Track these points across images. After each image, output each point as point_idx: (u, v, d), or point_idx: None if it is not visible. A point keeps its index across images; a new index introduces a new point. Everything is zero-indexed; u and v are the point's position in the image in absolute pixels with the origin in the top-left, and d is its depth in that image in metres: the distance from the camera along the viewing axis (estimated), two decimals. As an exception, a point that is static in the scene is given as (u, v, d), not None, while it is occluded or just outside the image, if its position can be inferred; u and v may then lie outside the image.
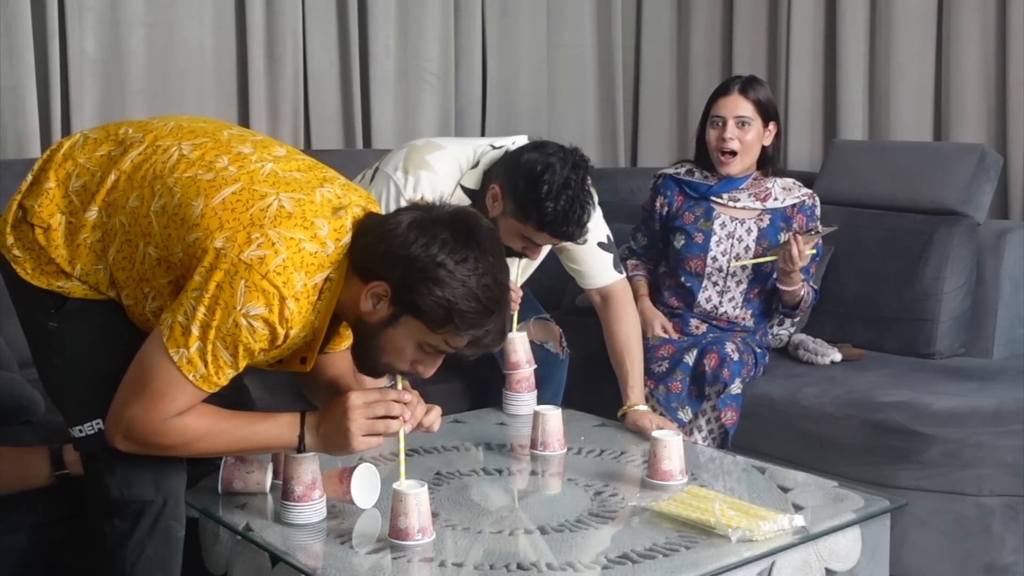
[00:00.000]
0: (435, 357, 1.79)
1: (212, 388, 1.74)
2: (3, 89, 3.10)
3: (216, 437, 1.78)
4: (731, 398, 2.76)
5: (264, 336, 1.70)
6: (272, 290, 1.67)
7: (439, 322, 1.71)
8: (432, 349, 1.76)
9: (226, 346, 1.69)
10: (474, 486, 2.05)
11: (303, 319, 1.73)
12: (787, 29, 4.04)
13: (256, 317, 1.67)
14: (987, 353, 3.18)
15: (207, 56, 3.50)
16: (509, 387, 2.53)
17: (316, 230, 1.74)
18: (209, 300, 1.67)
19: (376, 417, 1.78)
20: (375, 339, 1.77)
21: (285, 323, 1.70)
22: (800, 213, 2.98)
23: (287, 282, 1.68)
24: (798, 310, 2.97)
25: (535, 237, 2.39)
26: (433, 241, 1.70)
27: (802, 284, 2.90)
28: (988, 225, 3.27)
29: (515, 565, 1.69)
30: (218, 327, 1.68)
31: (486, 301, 1.71)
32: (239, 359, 1.72)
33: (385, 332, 1.75)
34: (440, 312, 1.70)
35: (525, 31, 4.23)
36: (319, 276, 1.73)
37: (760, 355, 2.94)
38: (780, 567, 1.79)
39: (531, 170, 2.33)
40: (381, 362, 1.81)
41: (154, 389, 1.71)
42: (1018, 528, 2.54)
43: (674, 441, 2.07)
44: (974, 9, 3.59)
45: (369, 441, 1.78)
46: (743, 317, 2.98)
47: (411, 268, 1.70)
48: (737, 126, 2.93)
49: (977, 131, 3.61)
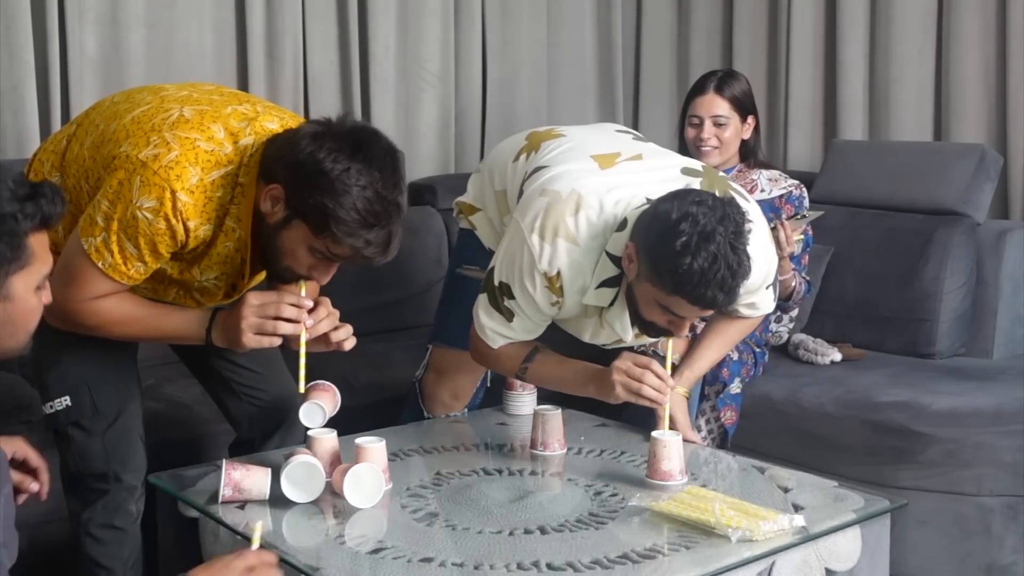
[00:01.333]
0: (326, 264, 1.87)
1: (124, 279, 1.89)
2: (3, 89, 3.10)
3: (132, 323, 1.95)
4: (730, 398, 2.76)
5: (162, 230, 1.84)
6: (163, 184, 1.82)
7: (320, 227, 1.79)
8: (320, 255, 1.84)
9: (129, 238, 1.85)
10: (474, 486, 2.05)
11: (200, 213, 1.85)
12: (787, 29, 4.04)
13: (150, 210, 1.82)
14: (987, 353, 3.18)
15: (207, 56, 3.50)
16: (509, 387, 2.53)
17: (212, 132, 1.88)
18: (112, 195, 1.85)
19: (268, 317, 1.87)
20: (273, 240, 1.87)
21: (178, 215, 1.83)
22: (788, 204, 2.98)
23: (179, 176, 1.83)
24: (791, 301, 2.96)
25: (672, 305, 1.97)
26: (321, 149, 1.78)
27: (793, 274, 2.89)
28: (988, 225, 3.27)
29: (515, 565, 1.69)
30: (119, 220, 1.84)
31: (364, 213, 1.77)
32: (143, 252, 1.86)
33: (280, 234, 1.85)
34: (319, 217, 1.78)
35: (525, 31, 4.23)
36: (216, 173, 1.86)
37: (760, 355, 2.94)
38: (780, 567, 1.79)
39: (666, 220, 1.92)
40: (281, 265, 1.90)
41: (72, 273, 1.89)
42: (1018, 528, 2.53)
43: (673, 441, 2.06)
44: (974, 9, 3.59)
45: (260, 339, 1.88)
46: None
47: (299, 172, 1.79)
48: (714, 125, 2.94)
49: (977, 131, 3.61)
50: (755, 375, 2.90)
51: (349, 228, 1.78)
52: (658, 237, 1.93)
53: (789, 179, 3.04)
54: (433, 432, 2.47)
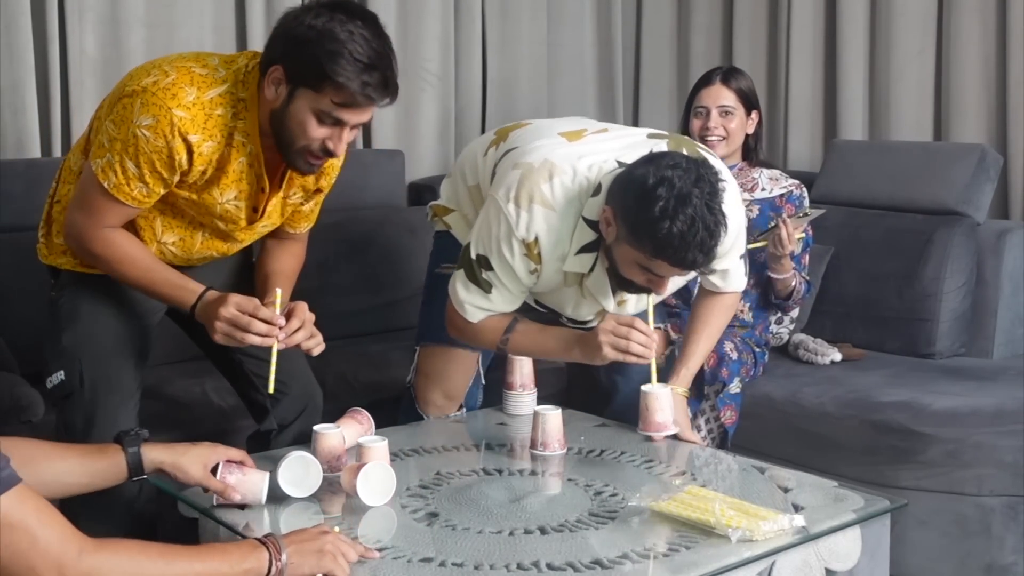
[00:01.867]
0: (338, 129, 1.95)
1: (129, 199, 2.00)
2: (3, 89, 3.10)
3: (133, 265, 2.06)
4: (730, 397, 2.76)
5: (160, 147, 1.94)
6: (160, 103, 1.93)
7: (319, 81, 1.88)
8: (328, 118, 1.93)
9: (129, 156, 1.96)
10: (474, 486, 2.05)
11: (202, 129, 1.96)
12: (787, 29, 4.04)
13: (148, 127, 1.93)
14: (987, 353, 3.18)
15: (207, 56, 3.50)
16: (509, 387, 2.52)
17: (206, 60, 2.02)
18: (117, 119, 1.98)
19: (239, 328, 1.98)
20: (284, 123, 1.96)
21: (175, 131, 1.93)
22: (789, 203, 2.99)
23: (175, 95, 1.94)
24: (791, 300, 2.96)
25: (653, 266, 2.02)
26: (306, 15, 1.91)
27: (793, 273, 2.90)
28: (988, 225, 3.27)
29: (515, 565, 1.69)
30: (122, 140, 1.96)
31: (355, 55, 1.87)
32: (143, 171, 1.97)
33: (288, 112, 1.94)
34: (317, 71, 1.88)
35: (525, 31, 4.23)
36: (214, 91, 1.97)
37: (759, 355, 2.94)
38: (780, 567, 1.79)
39: (643, 185, 1.96)
40: (296, 147, 1.97)
41: (84, 195, 2.05)
42: (1018, 528, 2.53)
43: (664, 393, 2.11)
44: (974, 9, 3.59)
45: (228, 341, 2.01)
46: (741, 309, 2.98)
47: (289, 41, 1.92)
48: (720, 115, 2.95)
49: (977, 131, 3.61)
50: (755, 375, 2.90)
51: (345, 72, 1.87)
52: (636, 202, 1.97)
53: (790, 179, 3.05)
54: (433, 432, 2.47)
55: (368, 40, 1.89)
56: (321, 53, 1.87)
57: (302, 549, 1.59)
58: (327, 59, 1.87)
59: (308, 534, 1.63)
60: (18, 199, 2.86)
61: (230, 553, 1.55)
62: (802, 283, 2.96)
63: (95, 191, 2.02)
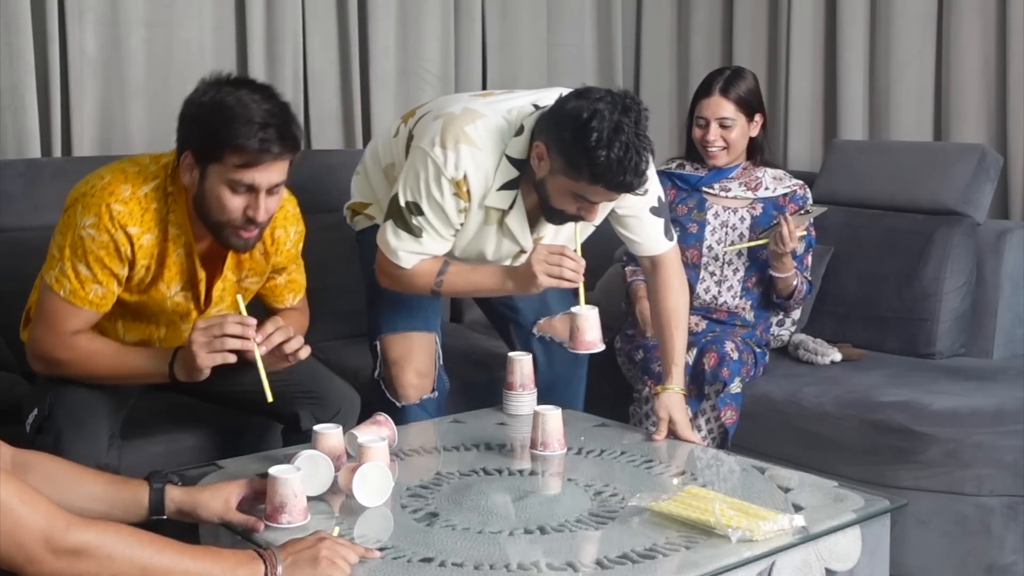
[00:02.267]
0: (253, 196, 2.01)
1: (86, 304, 2.07)
2: (3, 89, 3.10)
3: (101, 358, 2.10)
4: (731, 397, 2.76)
5: (105, 241, 2.03)
6: (98, 201, 2.03)
7: (219, 148, 1.96)
8: (240, 186, 1.99)
9: (79, 259, 2.05)
10: (474, 486, 2.05)
11: (140, 221, 2.05)
12: (787, 29, 4.04)
13: (91, 226, 2.03)
14: (987, 353, 3.18)
15: (207, 56, 3.50)
16: (509, 387, 2.53)
17: (138, 159, 2.14)
18: (61, 228, 2.08)
19: (215, 335, 1.99)
20: (204, 205, 2.04)
21: (116, 223, 2.03)
22: (792, 202, 2.99)
23: (112, 192, 2.04)
24: (792, 300, 2.97)
25: (589, 193, 2.18)
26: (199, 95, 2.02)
27: (795, 273, 2.90)
28: (988, 225, 3.27)
29: (515, 565, 1.69)
30: (70, 246, 2.05)
31: (248, 115, 1.94)
32: (95, 271, 2.05)
33: (204, 191, 2.02)
34: (213, 139, 1.96)
35: (525, 31, 4.23)
36: (147, 186, 2.07)
37: (760, 355, 2.94)
38: (780, 567, 1.79)
39: (577, 118, 2.11)
40: (222, 224, 2.04)
41: (43, 310, 2.11)
42: (1018, 528, 2.54)
43: (592, 313, 2.29)
44: (974, 9, 3.59)
45: (213, 357, 1.99)
46: (743, 308, 2.98)
47: (188, 123, 2.02)
48: (720, 127, 2.94)
49: (977, 131, 3.61)
50: (755, 375, 2.90)
51: (240, 132, 1.94)
52: (572, 134, 2.12)
53: (794, 179, 3.05)
54: (433, 432, 2.47)
55: (258, 102, 1.98)
56: (215, 123, 1.96)
57: (299, 559, 1.59)
58: (221, 126, 1.95)
59: (305, 543, 1.63)
60: (18, 199, 2.85)
61: (225, 559, 1.55)
62: (804, 283, 2.96)
63: (53, 302, 2.08)
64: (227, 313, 2.11)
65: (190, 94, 2.05)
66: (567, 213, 2.26)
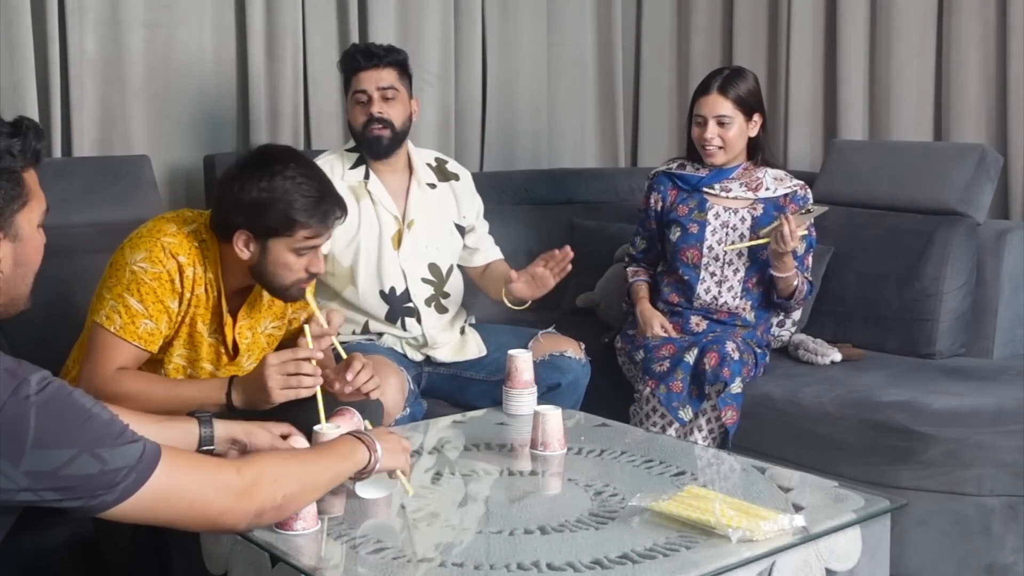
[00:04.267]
0: (313, 254, 2.16)
1: (136, 339, 2.12)
2: (3, 89, 3.10)
3: (153, 391, 2.11)
4: (731, 397, 2.76)
5: (158, 274, 2.11)
6: (149, 237, 2.14)
7: (288, 227, 2.10)
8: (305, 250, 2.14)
9: (131, 294, 2.11)
10: (474, 486, 2.05)
11: (189, 252, 2.15)
12: (787, 29, 4.04)
13: (144, 259, 2.12)
14: (987, 353, 3.18)
15: (207, 56, 3.50)
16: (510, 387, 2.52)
17: (170, 213, 2.25)
18: (111, 272, 2.16)
19: (290, 373, 2.05)
20: (267, 272, 2.15)
21: (168, 253, 2.12)
22: (793, 203, 2.99)
23: (160, 230, 2.16)
24: (792, 300, 2.96)
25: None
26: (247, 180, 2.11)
27: (796, 273, 2.89)
28: (988, 225, 3.27)
29: (515, 565, 1.69)
30: (122, 283, 2.12)
31: (307, 194, 2.10)
32: (147, 304, 2.12)
33: (268, 261, 2.14)
34: (283, 221, 2.09)
35: (525, 31, 4.23)
36: (188, 227, 2.18)
37: (760, 355, 2.94)
38: (780, 567, 1.79)
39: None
40: (288, 285, 2.17)
41: (92, 348, 2.14)
42: (1018, 528, 2.54)
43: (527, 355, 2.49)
44: (974, 9, 3.59)
45: (287, 393, 2.06)
46: (743, 308, 2.98)
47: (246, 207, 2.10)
48: (717, 125, 2.95)
49: (977, 131, 3.61)
50: (755, 375, 2.90)
51: (307, 212, 2.09)
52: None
53: (795, 179, 3.05)
54: (433, 432, 2.47)
55: (308, 177, 2.13)
56: (283, 208, 2.09)
57: (390, 447, 1.82)
58: (289, 210, 2.09)
59: (386, 434, 1.86)
60: None
61: (340, 450, 1.76)
62: (805, 283, 2.96)
63: (103, 339, 2.13)
64: (298, 349, 2.13)
65: (232, 173, 2.14)
66: (365, 124, 2.78)
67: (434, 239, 2.85)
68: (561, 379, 2.74)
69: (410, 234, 2.80)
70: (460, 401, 2.82)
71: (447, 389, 2.85)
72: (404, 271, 2.79)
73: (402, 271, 2.79)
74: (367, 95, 2.78)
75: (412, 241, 2.80)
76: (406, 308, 2.78)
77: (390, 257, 2.78)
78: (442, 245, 2.87)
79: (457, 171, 2.97)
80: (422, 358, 2.81)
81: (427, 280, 2.83)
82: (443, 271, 2.86)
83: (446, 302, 2.86)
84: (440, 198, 2.89)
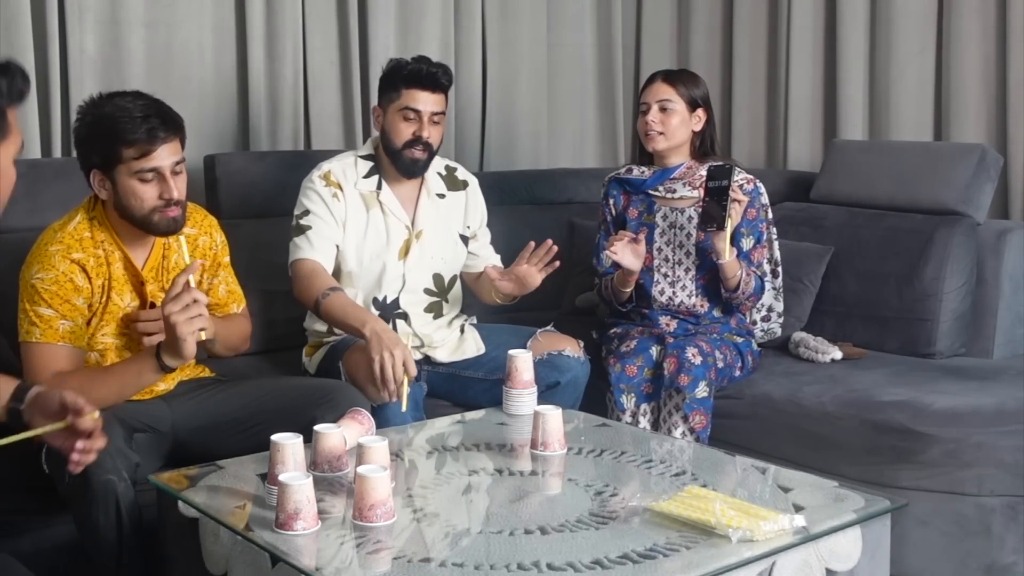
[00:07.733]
0: (163, 181, 2.22)
1: (58, 339, 2.21)
2: (3, 89, 3.10)
3: (98, 381, 2.18)
4: (697, 403, 2.73)
5: (56, 278, 2.21)
6: (39, 252, 2.24)
7: (117, 150, 2.17)
8: (146, 174, 2.20)
9: (39, 304, 2.21)
10: (474, 486, 2.05)
11: (80, 247, 2.24)
12: (787, 29, 4.04)
13: (38, 271, 2.21)
14: (987, 353, 3.18)
15: (207, 56, 3.50)
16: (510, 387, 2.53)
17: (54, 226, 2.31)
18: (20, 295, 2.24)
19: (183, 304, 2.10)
20: (125, 205, 2.23)
21: (61, 258, 2.21)
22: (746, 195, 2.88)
23: (46, 242, 2.25)
24: (738, 292, 2.88)
25: (410, 101, 2.74)
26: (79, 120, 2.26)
27: (739, 263, 2.84)
28: (988, 225, 3.27)
29: (515, 565, 1.69)
30: (27, 298, 2.22)
31: (129, 114, 2.18)
32: (56, 307, 2.21)
33: (119, 194, 2.22)
34: (110, 146, 2.18)
35: (525, 31, 4.22)
36: (71, 223, 2.28)
37: (743, 345, 2.91)
38: (780, 567, 1.79)
39: (388, 66, 2.81)
40: (145, 215, 2.24)
41: (28, 366, 2.22)
42: (1018, 528, 2.54)
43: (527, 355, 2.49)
44: (974, 9, 3.59)
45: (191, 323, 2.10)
46: (701, 305, 2.96)
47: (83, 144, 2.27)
48: (660, 110, 2.94)
49: (977, 131, 3.61)
50: (747, 368, 2.89)
51: (128, 129, 2.16)
52: (385, 74, 2.81)
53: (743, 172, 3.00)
54: (434, 432, 2.47)
55: (132, 100, 2.21)
56: (104, 132, 2.19)
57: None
58: (112, 132, 2.18)
59: None
60: (18, 199, 2.77)
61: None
62: (752, 277, 2.90)
63: (31, 352, 2.21)
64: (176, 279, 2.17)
65: (74, 124, 2.28)
66: (409, 143, 2.75)
67: (440, 250, 2.87)
68: (560, 377, 2.74)
69: (418, 244, 2.83)
70: (460, 400, 2.82)
71: (447, 388, 2.85)
72: (405, 280, 2.80)
73: (403, 280, 2.80)
74: (419, 116, 2.76)
75: (419, 251, 2.83)
76: (396, 313, 2.81)
77: (394, 267, 2.80)
78: (448, 256, 2.89)
79: (466, 178, 2.99)
80: (420, 357, 2.81)
81: (429, 291, 2.85)
82: (446, 281, 2.88)
83: (444, 308, 2.89)
84: (448, 208, 2.91)
